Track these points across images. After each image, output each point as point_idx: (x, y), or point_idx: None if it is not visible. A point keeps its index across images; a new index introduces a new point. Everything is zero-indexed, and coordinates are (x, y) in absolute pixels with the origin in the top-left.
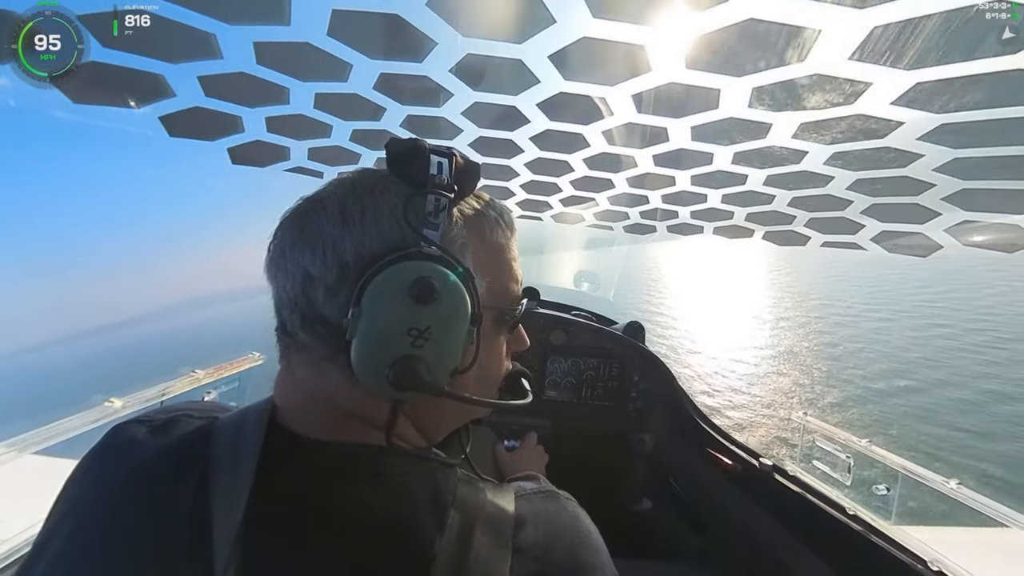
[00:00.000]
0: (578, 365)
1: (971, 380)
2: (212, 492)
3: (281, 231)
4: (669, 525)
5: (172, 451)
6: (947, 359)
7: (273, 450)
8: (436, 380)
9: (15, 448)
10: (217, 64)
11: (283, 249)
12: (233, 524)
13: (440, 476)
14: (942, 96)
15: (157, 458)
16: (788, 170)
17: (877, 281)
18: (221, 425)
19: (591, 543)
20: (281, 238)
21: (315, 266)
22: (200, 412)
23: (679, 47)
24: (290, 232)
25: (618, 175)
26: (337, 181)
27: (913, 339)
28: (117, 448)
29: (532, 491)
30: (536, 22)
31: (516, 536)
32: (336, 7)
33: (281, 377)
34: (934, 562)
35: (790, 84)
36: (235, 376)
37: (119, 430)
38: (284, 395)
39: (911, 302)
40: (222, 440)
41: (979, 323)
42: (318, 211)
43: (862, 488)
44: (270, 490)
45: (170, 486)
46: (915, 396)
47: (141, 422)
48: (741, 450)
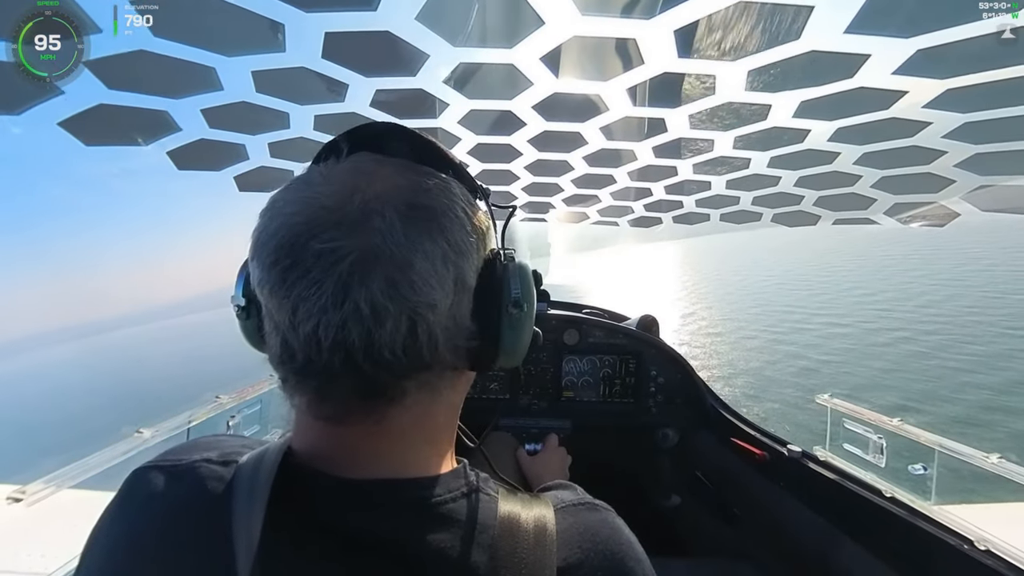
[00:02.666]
0: (594, 363)
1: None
2: (236, 543)
3: (410, 250)
4: (700, 520)
5: (192, 506)
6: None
7: (305, 494)
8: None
9: (53, 484)
10: (218, 96)
11: (429, 269)
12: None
13: (482, 498)
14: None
15: (178, 512)
16: (792, 150)
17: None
18: (241, 473)
19: (633, 554)
20: (417, 255)
21: (469, 276)
22: (221, 455)
23: (670, 37)
24: (429, 248)
25: (619, 170)
26: (416, 182)
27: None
28: (139, 501)
29: (571, 503)
30: (525, 25)
31: (559, 554)
32: (328, 30)
33: (348, 429)
34: (981, 540)
35: (786, 64)
36: (256, 399)
37: (139, 479)
38: (346, 444)
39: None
40: (242, 487)
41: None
42: (449, 218)
43: (897, 469)
44: (310, 539)
45: (192, 543)
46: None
47: (161, 469)
48: (767, 438)
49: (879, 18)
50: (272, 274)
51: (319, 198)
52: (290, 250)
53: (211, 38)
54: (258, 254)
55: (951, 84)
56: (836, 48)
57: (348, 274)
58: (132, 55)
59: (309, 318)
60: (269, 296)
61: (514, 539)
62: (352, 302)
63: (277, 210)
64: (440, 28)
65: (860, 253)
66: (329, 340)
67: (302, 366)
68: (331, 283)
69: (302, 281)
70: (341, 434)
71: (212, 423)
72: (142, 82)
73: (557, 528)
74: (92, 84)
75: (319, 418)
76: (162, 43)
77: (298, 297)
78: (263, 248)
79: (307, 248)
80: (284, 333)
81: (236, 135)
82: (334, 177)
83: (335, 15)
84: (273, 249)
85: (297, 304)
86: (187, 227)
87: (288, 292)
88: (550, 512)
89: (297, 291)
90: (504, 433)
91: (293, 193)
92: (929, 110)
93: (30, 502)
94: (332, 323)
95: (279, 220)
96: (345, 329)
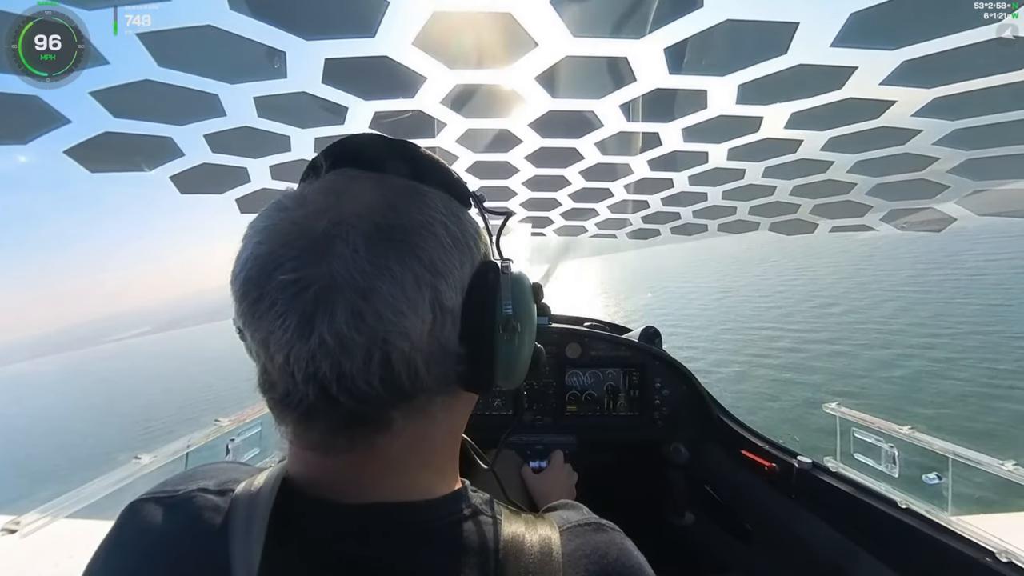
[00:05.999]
0: (597, 377)
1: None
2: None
3: (375, 276)
4: (711, 536)
5: (189, 539)
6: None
7: (302, 523)
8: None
9: (48, 514)
10: (221, 121)
11: (398, 295)
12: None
13: (484, 520)
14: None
15: (175, 547)
16: (785, 160)
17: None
18: (238, 503)
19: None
20: (383, 280)
21: (448, 297)
22: (217, 484)
23: (660, 55)
24: (398, 271)
25: (615, 183)
26: (388, 199)
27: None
28: (135, 535)
29: (577, 523)
30: (519, 47)
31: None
32: (328, 56)
33: (344, 458)
34: (1002, 552)
35: (775, 77)
36: (256, 421)
37: (135, 512)
38: (337, 471)
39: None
40: (239, 517)
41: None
42: (423, 236)
43: (911, 479)
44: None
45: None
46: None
47: (158, 500)
48: (777, 449)
49: (864, 32)
50: (243, 306)
51: (286, 225)
52: (256, 282)
53: (214, 66)
54: (232, 286)
55: (939, 93)
56: (823, 61)
57: (313, 305)
58: (137, 84)
59: (279, 350)
60: (245, 327)
61: (518, 562)
62: (318, 335)
63: (248, 239)
64: (436, 52)
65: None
66: (301, 372)
67: (282, 396)
68: (295, 316)
69: (269, 314)
70: (330, 463)
71: (211, 447)
72: (146, 110)
73: (563, 550)
74: (98, 112)
75: (306, 448)
76: (167, 72)
77: (267, 330)
78: (235, 280)
79: (272, 279)
80: (264, 363)
81: (238, 158)
82: (307, 199)
83: (335, 42)
84: (243, 282)
85: (267, 336)
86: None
87: (259, 324)
88: (555, 534)
89: (265, 324)
90: (508, 451)
91: (264, 220)
92: (918, 118)
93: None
94: (302, 356)
95: (248, 251)
96: (315, 361)
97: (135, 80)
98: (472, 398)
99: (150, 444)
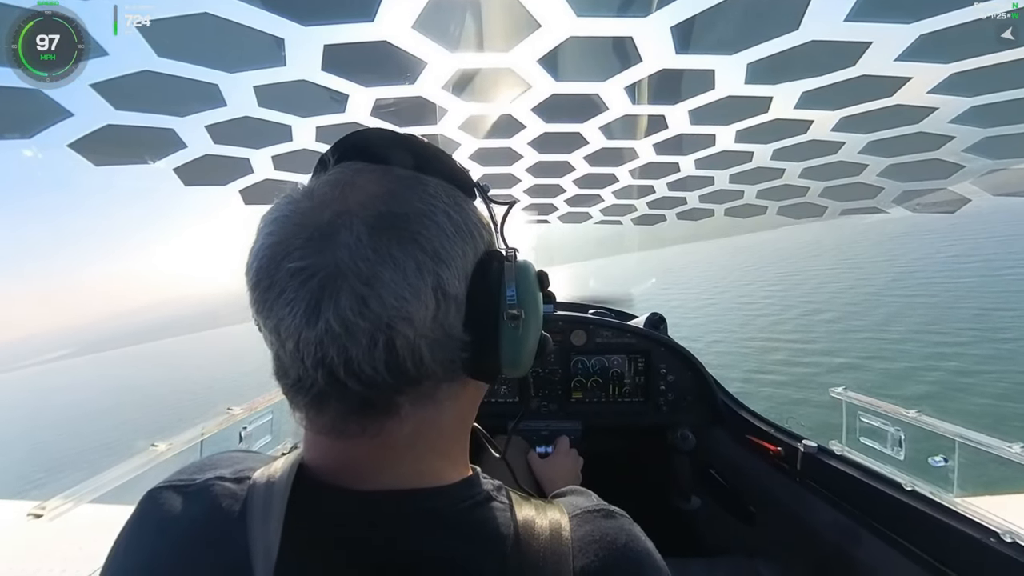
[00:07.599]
0: (602, 363)
1: None
2: (254, 563)
3: (377, 262)
4: (716, 519)
5: (208, 527)
6: None
7: (318, 509)
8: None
9: (71, 499)
10: (222, 112)
11: (400, 281)
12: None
13: (497, 507)
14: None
15: (194, 534)
16: (795, 141)
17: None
18: (255, 490)
19: (651, 562)
20: (385, 267)
21: (451, 284)
22: (234, 472)
23: (667, 33)
24: (400, 258)
25: (620, 168)
26: (391, 189)
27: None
28: (154, 523)
29: (586, 509)
30: (522, 29)
31: (576, 562)
32: (328, 42)
33: (349, 442)
34: (1007, 533)
35: (787, 54)
36: (268, 409)
37: (153, 500)
38: (350, 457)
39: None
40: (256, 504)
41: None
42: (425, 224)
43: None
44: (322, 556)
45: (210, 566)
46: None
47: (175, 488)
48: (782, 434)
49: (880, 4)
50: (255, 295)
51: (295, 216)
52: (267, 271)
53: (213, 55)
54: (246, 276)
55: (956, 68)
56: (836, 37)
57: (319, 292)
58: (137, 75)
59: (290, 336)
60: (257, 315)
61: (529, 547)
62: (324, 320)
63: (259, 231)
64: (437, 36)
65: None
66: (310, 358)
67: (294, 382)
68: (303, 302)
69: (279, 301)
70: (343, 448)
71: (224, 435)
72: (147, 101)
73: (572, 535)
74: (99, 105)
75: (319, 433)
76: (165, 62)
77: (277, 317)
78: (248, 271)
79: (280, 268)
80: (276, 350)
81: (240, 149)
82: (315, 192)
83: (334, 28)
84: (254, 272)
85: (278, 323)
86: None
87: (270, 312)
88: (565, 519)
89: (276, 311)
90: (515, 436)
91: (274, 211)
92: (934, 95)
93: (50, 517)
94: (310, 341)
95: (259, 242)
96: (323, 347)
97: (135, 71)
98: (481, 387)
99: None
